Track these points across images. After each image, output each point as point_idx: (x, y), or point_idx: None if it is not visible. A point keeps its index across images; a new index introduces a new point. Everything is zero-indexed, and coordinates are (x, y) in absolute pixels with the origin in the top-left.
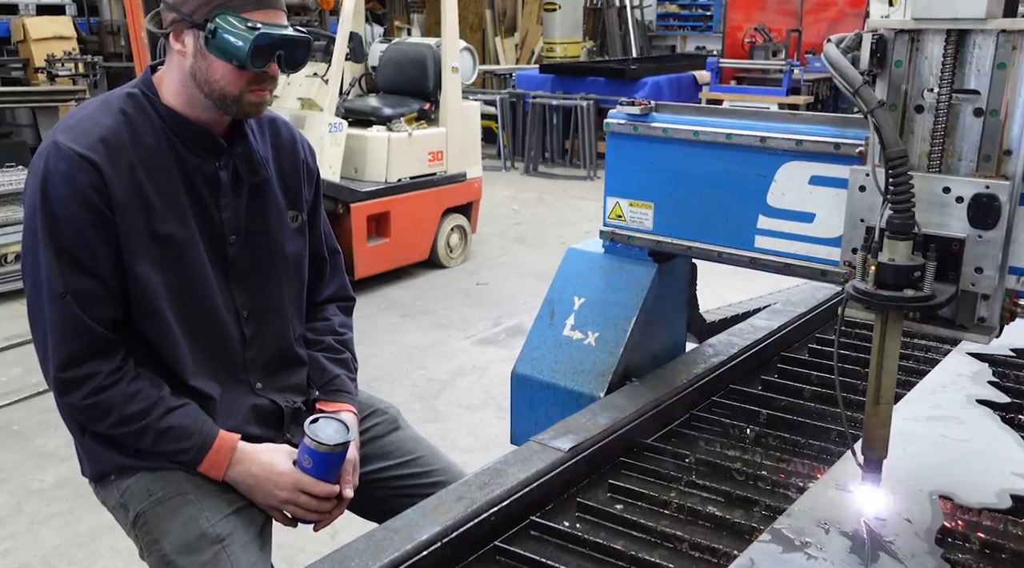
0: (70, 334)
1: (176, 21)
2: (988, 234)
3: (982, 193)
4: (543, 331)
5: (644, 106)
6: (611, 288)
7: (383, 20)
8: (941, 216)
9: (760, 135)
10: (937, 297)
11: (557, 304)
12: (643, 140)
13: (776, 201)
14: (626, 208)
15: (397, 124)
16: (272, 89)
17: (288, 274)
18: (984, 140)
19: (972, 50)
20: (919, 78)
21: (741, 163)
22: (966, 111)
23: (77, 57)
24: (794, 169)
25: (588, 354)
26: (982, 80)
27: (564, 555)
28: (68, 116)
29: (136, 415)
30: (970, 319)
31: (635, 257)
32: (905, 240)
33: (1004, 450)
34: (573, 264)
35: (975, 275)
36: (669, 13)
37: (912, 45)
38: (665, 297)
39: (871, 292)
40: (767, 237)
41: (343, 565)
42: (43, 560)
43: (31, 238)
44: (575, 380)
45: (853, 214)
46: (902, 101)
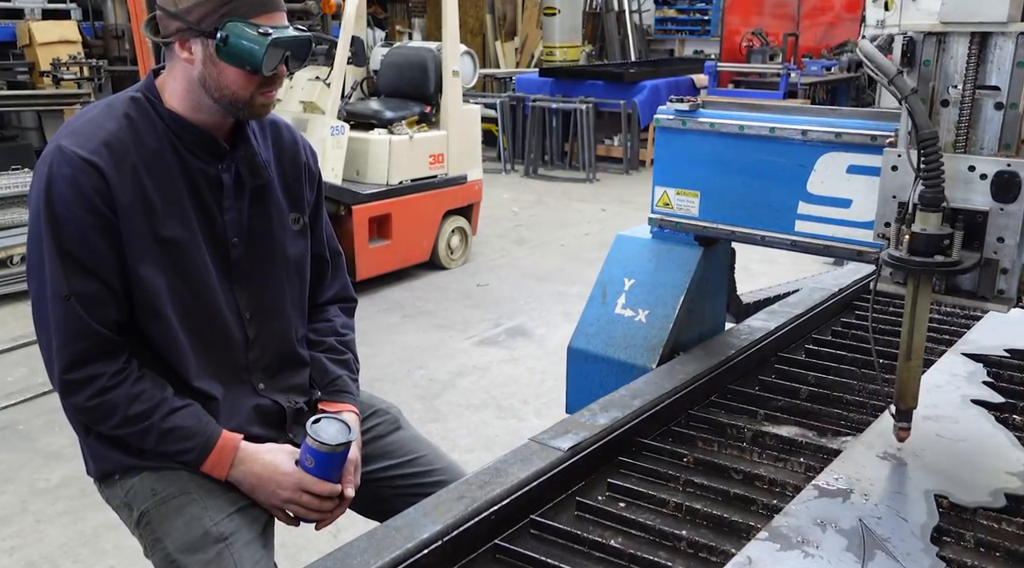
0: (74, 336)
1: (182, 30)
2: (1009, 207)
3: (1004, 170)
4: (596, 309)
5: (692, 102)
6: (660, 269)
7: (384, 24)
8: (967, 192)
9: (802, 129)
10: (964, 263)
11: (609, 285)
12: (690, 134)
13: (816, 189)
14: (673, 196)
15: (398, 127)
16: (279, 89)
17: (290, 275)
18: (1004, 131)
19: (994, 50)
20: (945, 75)
21: (783, 154)
22: (988, 105)
23: (82, 61)
24: (833, 159)
25: (640, 329)
26: (1003, 77)
27: (564, 554)
28: (71, 120)
29: (140, 416)
30: (991, 290)
31: (682, 242)
32: (936, 212)
33: (998, 450)
34: (623, 249)
35: (997, 244)
36: (667, 17)
37: (939, 46)
38: (709, 279)
39: (905, 259)
40: (807, 221)
41: (345, 563)
42: (48, 558)
43: (35, 241)
44: (628, 353)
45: (886, 192)
46: (930, 96)
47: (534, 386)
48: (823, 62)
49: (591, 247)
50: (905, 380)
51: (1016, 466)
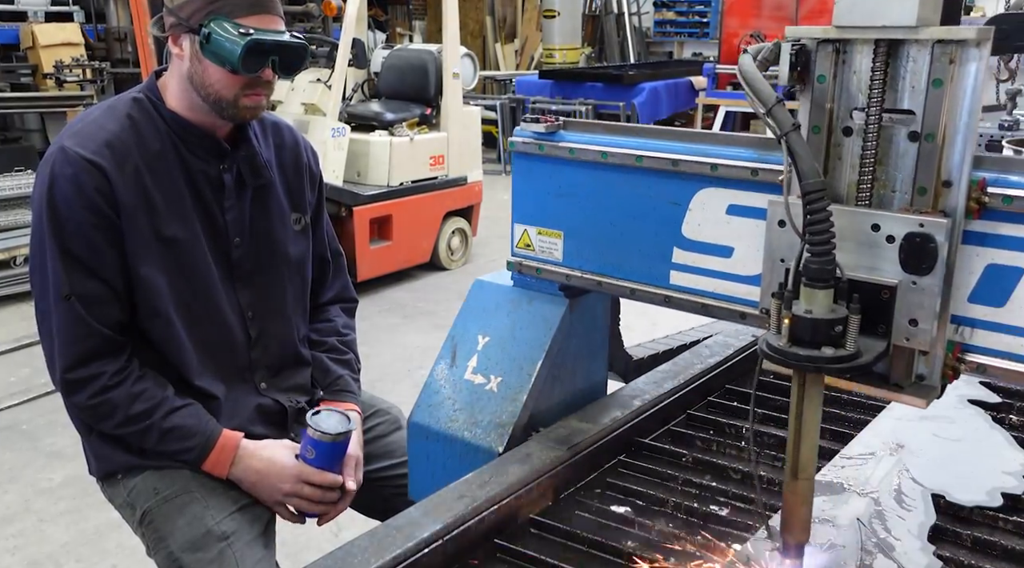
0: (76, 336)
1: (174, 25)
2: (923, 280)
3: (916, 232)
4: (443, 373)
5: (550, 123)
6: (518, 326)
7: (385, 26)
8: (871, 258)
9: (672, 158)
10: (863, 356)
11: (460, 342)
12: (550, 161)
13: (692, 232)
14: (535, 237)
15: (399, 129)
16: (268, 93)
17: (291, 275)
18: (919, 169)
19: (905, 63)
20: (847, 96)
21: (653, 189)
22: (900, 135)
23: (85, 63)
24: (710, 197)
25: (489, 401)
26: (917, 99)
27: (563, 552)
28: (74, 122)
29: (141, 415)
30: (907, 377)
31: (545, 291)
32: (824, 288)
33: (995, 449)
34: (479, 298)
35: (909, 328)
36: (666, 20)
37: (837, 57)
38: (579, 336)
39: (785, 350)
40: (683, 273)
41: (346, 562)
42: (51, 558)
43: (38, 241)
44: (473, 431)
45: (772, 253)
46: (827, 122)
47: None
48: None
49: None
50: (792, 505)
51: (1012, 465)
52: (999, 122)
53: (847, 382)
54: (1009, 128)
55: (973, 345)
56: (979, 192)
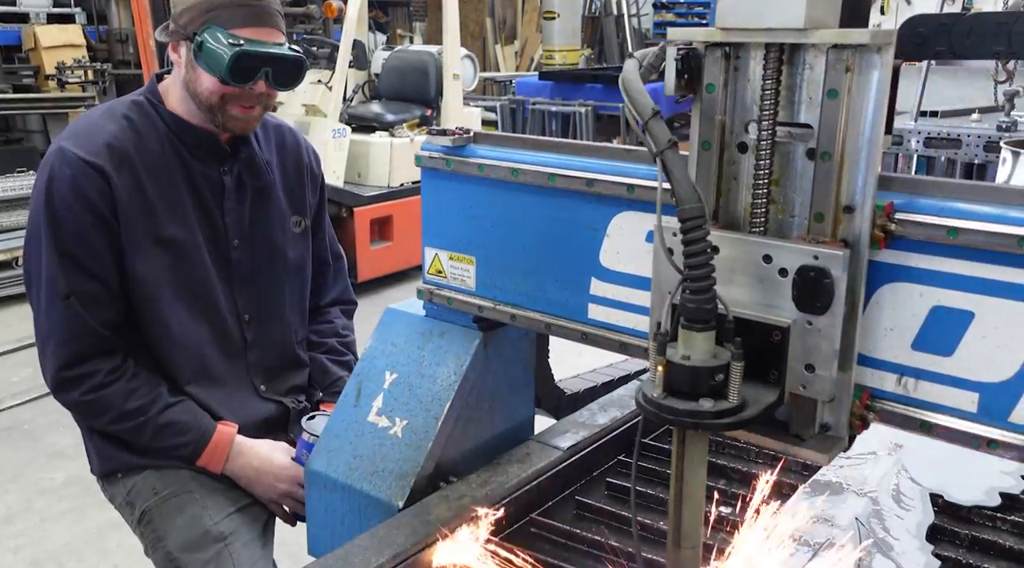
0: (73, 335)
1: (173, 32)
2: (819, 320)
3: (809, 265)
4: (346, 414)
5: (458, 136)
6: (427, 362)
7: (386, 28)
8: (764, 294)
9: (587, 177)
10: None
11: (365, 380)
12: (460, 179)
13: (610, 261)
14: (446, 262)
15: (399, 130)
16: (265, 104)
17: (290, 278)
18: (816, 192)
19: (801, 71)
20: (741, 107)
21: (568, 212)
22: (798, 152)
23: (87, 64)
24: (628, 221)
25: (392, 447)
26: (813, 111)
27: (563, 552)
28: (73, 123)
29: (135, 411)
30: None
31: (458, 322)
32: (704, 330)
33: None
34: (389, 329)
35: (805, 374)
36: (665, 21)
37: (728, 63)
38: (497, 372)
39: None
40: (601, 306)
41: (346, 561)
42: (53, 556)
43: (35, 240)
44: (372, 482)
45: (660, 286)
46: (719, 137)
47: None
48: None
49: None
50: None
51: (1010, 465)
52: (997, 123)
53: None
54: (1007, 129)
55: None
56: (885, 218)
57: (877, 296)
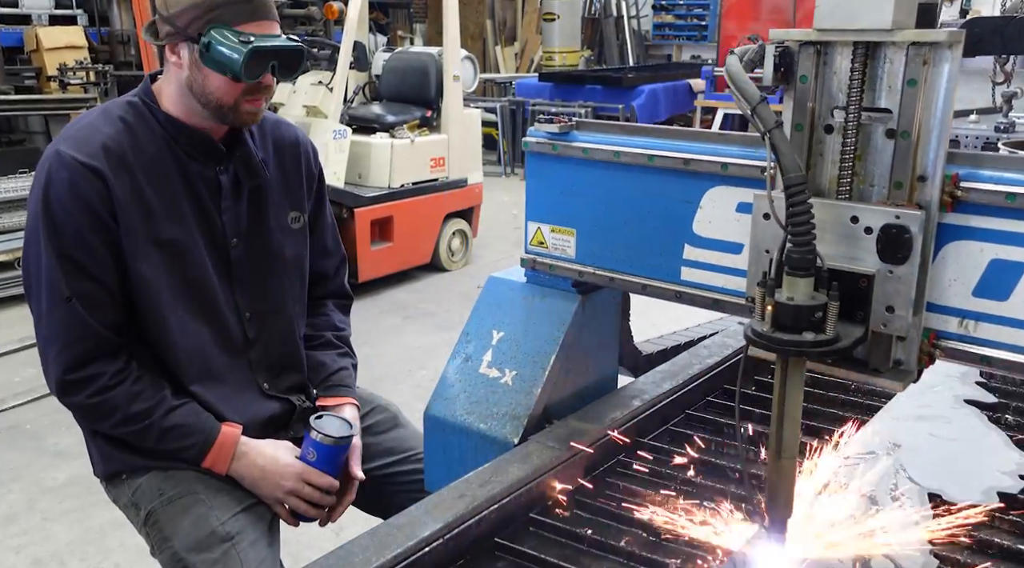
0: (76, 338)
1: (171, 34)
2: (899, 269)
3: (892, 224)
4: (459, 367)
5: (564, 124)
6: (531, 321)
7: (386, 30)
8: (850, 248)
9: (684, 157)
10: (842, 341)
11: (475, 338)
12: (564, 161)
13: (703, 230)
14: (548, 234)
15: (400, 131)
16: (268, 98)
17: (290, 275)
18: (895, 165)
19: (883, 64)
20: (828, 95)
21: (665, 187)
22: (877, 132)
23: (88, 66)
24: (720, 195)
25: (504, 394)
26: (893, 98)
27: (563, 551)
28: (69, 126)
29: (140, 414)
30: (885, 362)
31: (558, 288)
32: (805, 276)
33: (991, 449)
34: (493, 294)
35: (886, 314)
36: (665, 23)
37: (819, 59)
38: (591, 331)
39: (768, 335)
40: (694, 269)
41: (347, 561)
42: (55, 556)
43: (34, 244)
44: (488, 423)
45: (758, 244)
46: (809, 121)
47: None
48: None
49: None
50: (776, 483)
51: (1008, 465)
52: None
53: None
54: (1005, 130)
55: (977, 338)
56: (952, 186)
57: (943, 253)
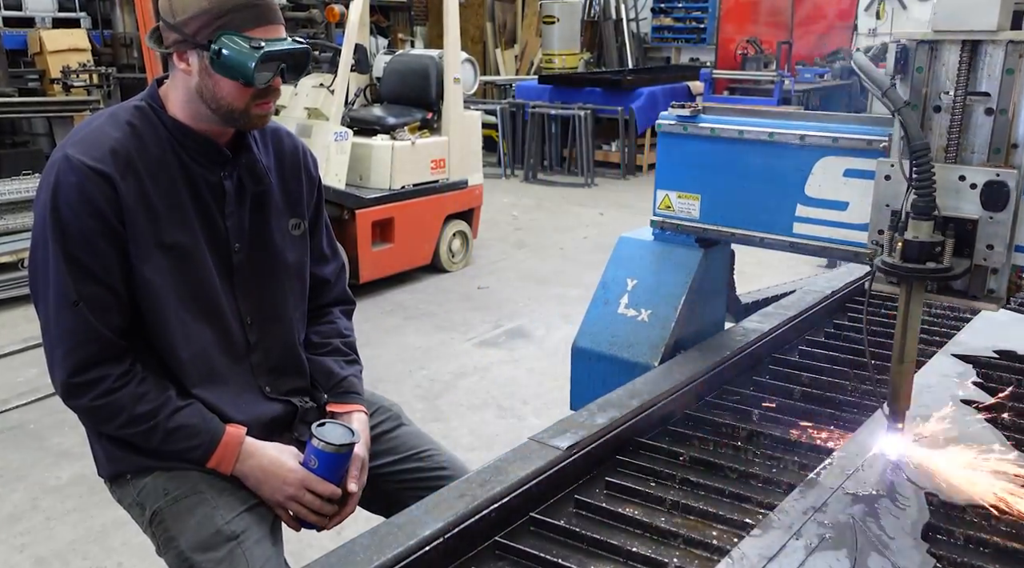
0: (82, 341)
1: (179, 42)
2: (998, 216)
3: (993, 180)
4: (600, 309)
5: (693, 108)
6: (662, 270)
7: (387, 32)
8: (957, 200)
9: (800, 134)
10: (955, 269)
11: (612, 285)
12: (691, 139)
13: (813, 192)
14: (675, 200)
15: (401, 133)
16: (276, 100)
17: (291, 280)
18: (994, 136)
19: (984, 58)
20: (937, 82)
21: (782, 158)
22: (978, 111)
23: (91, 68)
24: (830, 163)
25: (642, 329)
26: (992, 84)
27: (562, 550)
28: (77, 129)
29: (145, 415)
30: (981, 290)
31: (683, 243)
32: (927, 220)
33: (987, 448)
34: (626, 250)
35: (987, 251)
36: (664, 26)
37: (931, 54)
38: (708, 280)
39: (898, 265)
40: (805, 224)
41: (349, 560)
42: (59, 555)
43: (41, 248)
44: (631, 351)
45: (880, 200)
46: (922, 102)
47: (534, 386)
48: (816, 69)
49: (589, 250)
50: (898, 382)
51: (1004, 465)
52: None
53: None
54: None
55: None
56: None
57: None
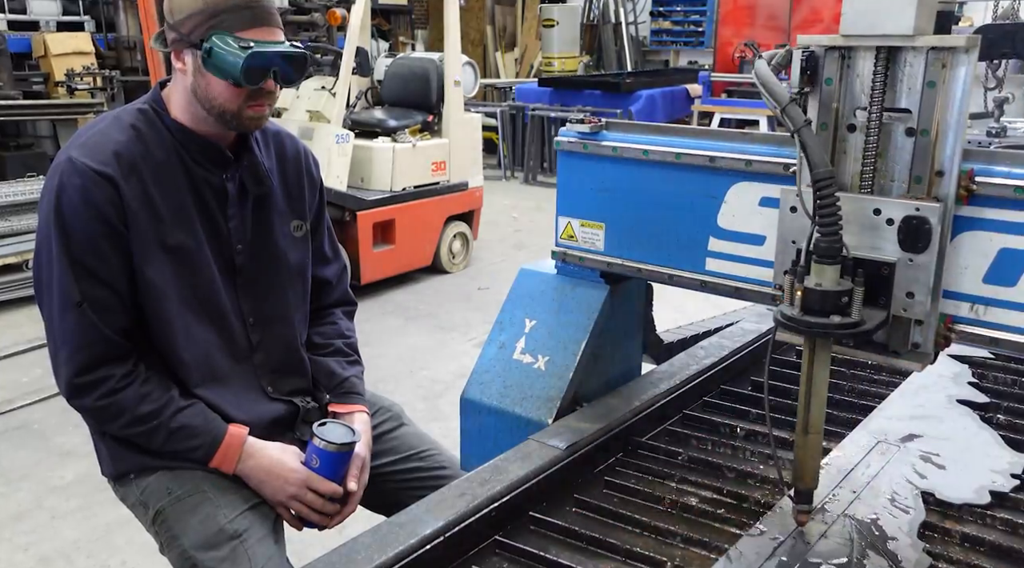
0: (86, 342)
1: (176, 40)
2: (919, 258)
3: (912, 215)
4: (493, 354)
5: (594, 124)
6: (562, 310)
7: (388, 36)
8: (872, 239)
9: (709, 155)
10: (866, 324)
11: (508, 326)
12: (593, 159)
13: (727, 223)
14: (577, 228)
15: (402, 135)
16: (271, 103)
17: (292, 282)
18: (915, 161)
19: (903, 68)
20: (851, 96)
21: (691, 183)
22: (898, 131)
23: (95, 71)
24: (744, 190)
25: (538, 378)
26: (913, 99)
27: (562, 549)
28: (80, 132)
29: (148, 415)
30: (904, 345)
31: (587, 278)
32: (832, 264)
33: (983, 448)
34: (525, 285)
35: (907, 300)
36: (662, 29)
37: (843, 62)
38: (618, 319)
39: (797, 318)
40: (718, 260)
41: (350, 558)
42: (62, 554)
43: (45, 250)
44: (523, 406)
45: (785, 235)
46: (834, 120)
47: None
48: None
49: None
50: (803, 458)
51: (1000, 464)
52: (987, 129)
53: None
54: (996, 135)
55: (987, 321)
56: (968, 181)
57: (956, 242)
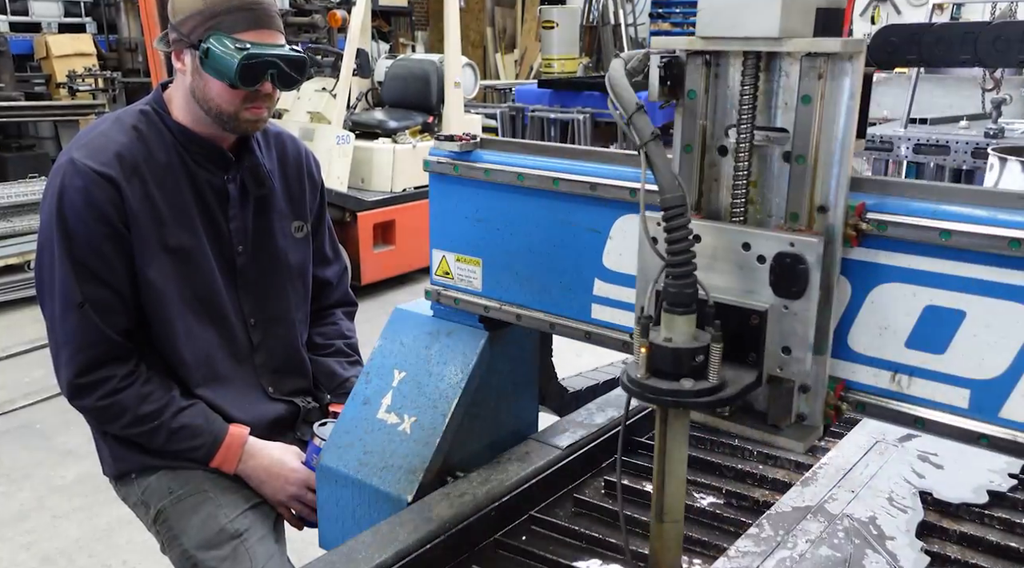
0: (87, 342)
1: (176, 41)
2: (794, 304)
3: (786, 252)
4: (355, 411)
5: (464, 142)
6: (434, 361)
7: (389, 37)
8: (743, 280)
9: (590, 181)
10: (728, 388)
11: (375, 377)
12: (466, 183)
13: (613, 263)
14: (453, 264)
15: (402, 136)
16: (269, 106)
17: (293, 282)
18: (791, 193)
19: (778, 78)
20: (721, 112)
21: (572, 215)
22: (775, 154)
23: (97, 73)
24: (631, 224)
25: (402, 443)
26: (789, 117)
27: (561, 548)
28: (82, 134)
29: (150, 415)
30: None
31: (464, 322)
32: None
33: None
34: (397, 328)
35: (782, 356)
36: (662, 31)
37: (709, 71)
38: (503, 370)
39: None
40: (604, 307)
41: (351, 558)
42: (64, 553)
43: (47, 252)
44: (382, 477)
45: (645, 275)
46: (701, 141)
47: None
48: None
49: None
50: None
51: (998, 464)
52: (984, 130)
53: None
54: (994, 136)
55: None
56: (856, 218)
57: (872, 296)
